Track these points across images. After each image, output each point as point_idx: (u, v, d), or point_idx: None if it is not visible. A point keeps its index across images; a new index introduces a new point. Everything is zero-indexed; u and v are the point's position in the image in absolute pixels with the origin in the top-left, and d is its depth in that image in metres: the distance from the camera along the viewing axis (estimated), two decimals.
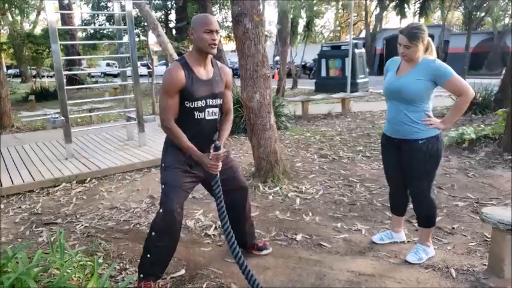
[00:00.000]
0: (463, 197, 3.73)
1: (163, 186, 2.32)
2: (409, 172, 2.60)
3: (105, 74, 29.10)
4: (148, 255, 2.33)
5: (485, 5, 13.84)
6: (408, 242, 2.90)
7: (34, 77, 18.65)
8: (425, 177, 2.56)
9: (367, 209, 3.56)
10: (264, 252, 2.80)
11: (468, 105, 2.52)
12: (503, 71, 8.32)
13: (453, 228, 3.11)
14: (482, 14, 17.71)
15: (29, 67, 19.22)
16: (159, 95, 2.31)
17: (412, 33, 2.45)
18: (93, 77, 26.03)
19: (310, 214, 3.48)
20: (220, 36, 9.32)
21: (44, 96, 14.65)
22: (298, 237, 3.06)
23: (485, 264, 2.49)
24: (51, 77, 22.57)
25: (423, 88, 2.47)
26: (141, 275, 2.36)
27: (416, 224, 2.86)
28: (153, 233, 2.31)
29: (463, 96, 2.45)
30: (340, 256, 2.77)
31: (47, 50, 17.14)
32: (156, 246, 2.31)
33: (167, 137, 2.39)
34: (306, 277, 2.51)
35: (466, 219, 3.25)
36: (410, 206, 2.73)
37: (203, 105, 2.28)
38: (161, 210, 2.28)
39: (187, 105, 2.24)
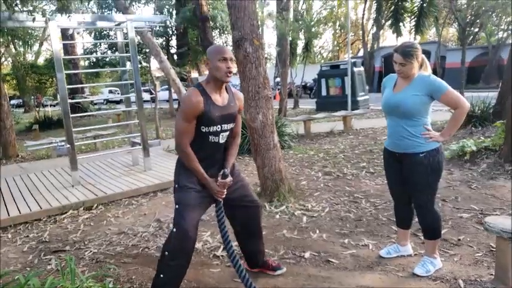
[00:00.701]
0: (467, 208, 3.76)
1: (177, 206, 2.37)
2: (411, 185, 2.65)
3: (108, 101, 29.46)
4: (161, 275, 2.36)
5: (478, 20, 14.10)
6: (415, 255, 2.92)
7: (37, 106, 18.93)
8: (427, 189, 2.61)
9: (373, 224, 3.59)
10: (278, 272, 2.80)
11: (464, 117, 2.60)
12: (500, 84, 8.43)
13: (459, 239, 3.13)
14: (476, 30, 18.03)
15: (32, 97, 19.52)
16: (177, 119, 2.36)
17: (406, 52, 2.54)
18: (95, 104, 26.36)
19: (317, 231, 3.50)
20: None
21: (47, 125, 14.87)
22: (306, 254, 3.08)
23: (492, 274, 2.51)
24: (54, 106, 22.91)
25: (420, 103, 2.54)
26: None
27: (422, 237, 2.88)
28: (166, 253, 2.34)
29: (459, 108, 2.53)
30: (348, 271, 2.78)
31: (50, 79, 17.48)
32: (169, 265, 2.33)
33: (179, 158, 2.46)
34: None
35: (471, 230, 3.27)
36: (416, 219, 2.77)
37: (218, 130, 2.36)
38: (174, 230, 2.31)
39: (203, 130, 2.32)
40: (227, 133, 2.44)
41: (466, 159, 5.27)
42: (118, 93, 31.35)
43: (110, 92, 30.74)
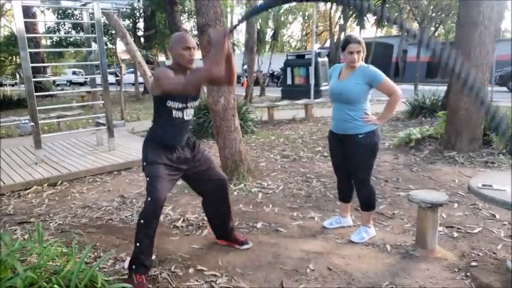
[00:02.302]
0: (405, 188, 4.20)
1: (148, 179, 2.51)
2: (351, 163, 3.01)
3: (71, 83, 28.61)
4: (138, 244, 2.48)
5: (437, 17, 14.86)
6: (354, 226, 3.30)
7: None
8: (365, 167, 2.98)
9: (321, 200, 3.96)
10: (245, 246, 2.95)
11: (398, 103, 2.96)
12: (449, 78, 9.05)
13: (393, 213, 3.55)
14: (436, 26, 18.89)
15: None
16: (164, 84, 2.36)
17: (360, 41, 2.87)
18: (58, 85, 25.58)
19: (270, 206, 3.84)
20: None
21: (7, 105, 14.41)
22: (259, 225, 3.40)
23: (414, 240, 2.92)
24: (13, 85, 22.05)
25: (361, 90, 2.88)
26: (133, 266, 2.48)
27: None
28: (142, 221, 2.47)
29: (393, 96, 2.89)
30: (294, 239, 3.13)
31: (10, 57, 16.87)
32: (145, 233, 2.46)
33: (146, 137, 2.66)
34: (264, 257, 2.85)
35: (405, 206, 3.70)
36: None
37: (182, 107, 2.54)
38: (149, 199, 2.45)
39: (168, 105, 2.50)
40: (191, 110, 2.63)
41: (412, 145, 5.77)
42: (82, 75, 30.45)
43: (74, 73, 29.81)
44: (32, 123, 5.48)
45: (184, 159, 2.65)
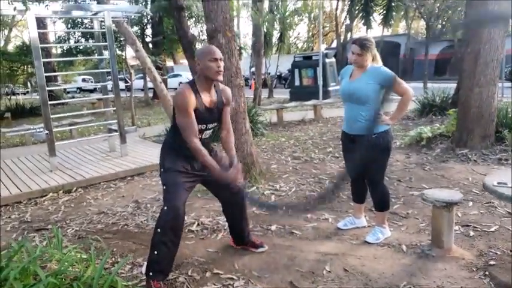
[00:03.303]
0: (418, 187, 4.18)
1: (164, 187, 2.52)
2: (364, 163, 3.01)
3: (81, 90, 28.97)
4: (155, 252, 2.47)
5: (445, 15, 14.75)
6: (369, 226, 3.30)
7: (7, 94, 18.51)
8: (378, 166, 2.98)
9: (334, 201, 3.96)
10: (260, 250, 2.97)
11: (409, 102, 2.97)
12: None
13: (408, 213, 3.54)
14: (443, 23, 18.74)
15: (2, 84, 19.08)
16: (177, 119, 2.45)
17: (363, 44, 2.89)
18: (68, 92, 25.90)
19: (284, 208, 3.85)
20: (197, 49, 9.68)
21: (19, 113, 14.64)
22: (273, 227, 3.42)
23: (430, 239, 2.91)
24: (25, 94, 22.36)
25: (372, 90, 2.89)
26: (150, 273, 2.48)
27: (374, 211, 3.26)
28: (159, 230, 2.46)
29: (405, 95, 2.89)
30: (309, 241, 3.14)
31: (22, 67, 17.13)
32: (162, 242, 2.45)
33: (164, 143, 2.68)
34: (279, 259, 2.87)
35: (419, 206, 3.69)
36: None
37: (203, 128, 2.55)
38: (165, 208, 2.45)
39: None
40: (210, 131, 2.65)
41: (423, 144, 5.74)
42: (91, 82, 30.81)
43: (83, 80, 30.21)
44: (47, 132, 5.57)
45: (202, 167, 2.63)
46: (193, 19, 16.12)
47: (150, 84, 16.98)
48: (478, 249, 2.82)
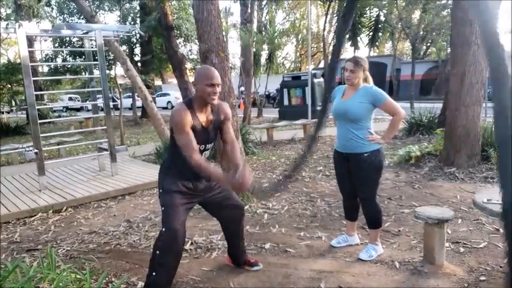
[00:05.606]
0: (408, 205, 4.26)
1: (163, 208, 2.51)
2: (357, 181, 3.07)
3: (68, 108, 28.78)
4: (154, 273, 2.46)
5: (429, 36, 15.25)
6: (361, 244, 3.34)
7: None
8: (370, 184, 3.04)
9: (327, 219, 4.00)
10: (255, 268, 2.98)
11: (400, 122, 3.06)
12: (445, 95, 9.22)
13: (399, 230, 3.60)
14: (428, 45, 19.37)
15: None
16: (176, 138, 2.43)
17: (357, 61, 3.00)
18: (55, 111, 25.69)
19: (277, 226, 3.87)
20: (186, 68, 9.79)
21: (4, 132, 14.45)
22: (267, 246, 3.43)
23: (422, 256, 2.96)
24: (8, 112, 22.09)
25: (364, 109, 2.98)
26: None
27: (367, 228, 3.31)
28: (157, 252, 2.45)
29: (396, 115, 2.98)
30: (303, 259, 3.16)
31: (8, 85, 16.98)
32: (160, 263, 2.44)
33: (162, 164, 2.68)
34: (274, 277, 2.88)
35: (410, 223, 3.75)
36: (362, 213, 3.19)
37: (201, 149, 2.52)
38: (163, 229, 2.44)
39: None
40: (208, 151, 2.65)
41: (412, 163, 5.85)
42: (78, 101, 30.66)
43: (70, 99, 30.07)
44: (36, 150, 5.52)
45: (201, 188, 2.63)
46: (183, 38, 16.30)
47: (138, 103, 16.98)
48: (468, 266, 2.88)
